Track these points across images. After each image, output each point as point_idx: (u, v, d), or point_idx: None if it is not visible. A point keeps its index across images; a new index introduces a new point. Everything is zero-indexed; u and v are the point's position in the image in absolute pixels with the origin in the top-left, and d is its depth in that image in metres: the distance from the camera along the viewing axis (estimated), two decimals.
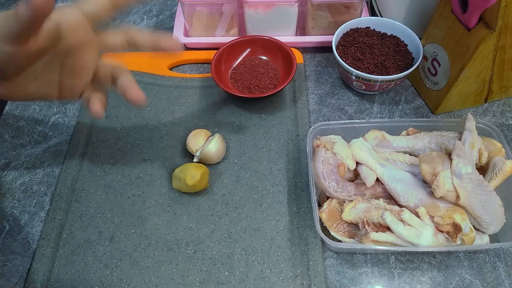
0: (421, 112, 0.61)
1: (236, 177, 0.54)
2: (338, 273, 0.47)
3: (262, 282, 0.46)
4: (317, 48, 0.69)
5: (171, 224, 0.50)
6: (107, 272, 0.47)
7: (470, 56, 0.52)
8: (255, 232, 0.49)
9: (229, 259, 0.47)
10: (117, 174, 0.55)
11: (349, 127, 0.52)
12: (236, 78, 0.63)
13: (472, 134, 0.47)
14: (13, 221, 0.51)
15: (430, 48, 0.59)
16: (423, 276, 0.46)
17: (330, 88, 0.65)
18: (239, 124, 0.59)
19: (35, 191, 0.54)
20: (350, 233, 0.46)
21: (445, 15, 0.55)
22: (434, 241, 0.42)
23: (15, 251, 0.49)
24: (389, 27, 0.63)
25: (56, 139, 0.59)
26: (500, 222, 0.45)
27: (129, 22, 0.75)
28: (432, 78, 0.60)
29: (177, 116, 0.60)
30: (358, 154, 0.48)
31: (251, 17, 0.65)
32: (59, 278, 0.46)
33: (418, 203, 0.45)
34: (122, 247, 0.49)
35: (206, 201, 0.52)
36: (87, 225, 0.50)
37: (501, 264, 0.47)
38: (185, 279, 0.46)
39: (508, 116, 0.60)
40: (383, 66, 0.59)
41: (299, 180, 0.53)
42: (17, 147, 0.58)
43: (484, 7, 0.48)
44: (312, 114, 0.61)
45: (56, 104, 0.63)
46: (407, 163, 0.48)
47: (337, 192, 0.47)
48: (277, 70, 0.63)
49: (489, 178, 0.46)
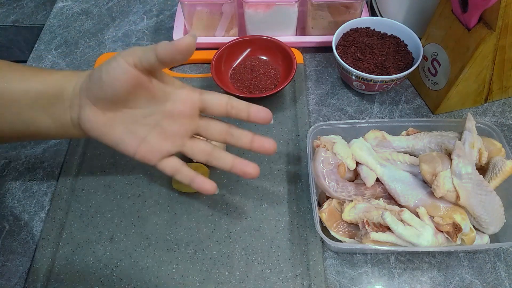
0: (421, 112, 0.61)
1: (236, 177, 0.54)
2: (338, 273, 0.47)
3: (262, 282, 0.46)
4: (317, 48, 0.69)
5: (171, 224, 0.50)
6: (107, 272, 0.47)
7: (470, 56, 0.52)
8: (255, 232, 0.49)
9: (229, 259, 0.47)
10: (117, 174, 0.55)
11: (349, 127, 0.52)
12: (236, 78, 0.63)
13: (472, 134, 0.47)
14: (13, 221, 0.51)
15: (430, 48, 0.59)
16: (423, 276, 0.46)
17: (330, 88, 0.65)
18: (239, 124, 0.59)
19: (35, 191, 0.54)
20: (350, 233, 0.46)
21: (445, 15, 0.55)
22: (434, 241, 0.42)
23: (15, 251, 0.49)
24: (389, 27, 0.63)
25: (56, 139, 0.59)
26: (500, 222, 0.45)
27: (129, 22, 0.75)
28: (432, 78, 0.60)
29: None
30: (358, 154, 0.48)
31: (251, 17, 0.65)
32: (59, 278, 0.46)
33: (418, 203, 0.45)
34: (122, 247, 0.49)
35: (206, 201, 0.52)
36: (87, 225, 0.50)
37: (501, 264, 0.47)
38: (185, 279, 0.46)
39: (508, 116, 0.60)
40: (383, 66, 0.59)
41: (299, 180, 0.53)
42: (17, 147, 0.58)
43: (484, 7, 0.48)
44: (312, 114, 0.61)
45: None
46: (407, 163, 0.48)
47: (337, 192, 0.47)
48: (277, 70, 0.63)
49: (489, 178, 0.46)
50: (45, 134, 0.42)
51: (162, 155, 0.41)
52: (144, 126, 0.40)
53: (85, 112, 0.38)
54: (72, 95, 0.39)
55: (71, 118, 0.40)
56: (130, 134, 0.40)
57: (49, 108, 0.39)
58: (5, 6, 0.78)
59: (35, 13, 0.77)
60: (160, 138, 0.40)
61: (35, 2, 0.79)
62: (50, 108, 0.39)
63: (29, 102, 0.39)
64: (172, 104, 0.40)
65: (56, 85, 0.39)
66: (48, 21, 0.76)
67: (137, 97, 0.38)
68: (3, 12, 0.77)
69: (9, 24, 0.75)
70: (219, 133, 0.42)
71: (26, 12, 0.77)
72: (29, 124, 0.40)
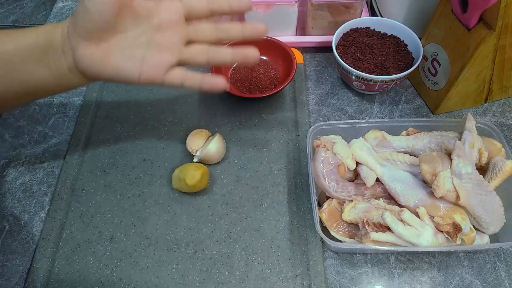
0: (421, 112, 0.61)
1: (236, 177, 0.54)
2: (338, 273, 0.47)
3: (262, 282, 0.46)
4: (317, 48, 0.69)
5: (171, 224, 0.50)
6: (107, 272, 0.47)
7: (470, 56, 0.52)
8: (255, 232, 0.49)
9: (229, 259, 0.47)
10: (117, 174, 0.55)
11: (349, 127, 0.52)
12: (236, 78, 0.63)
13: (472, 134, 0.47)
14: (13, 221, 0.51)
15: (430, 48, 0.59)
16: (423, 276, 0.46)
17: (330, 88, 0.65)
18: (239, 124, 0.59)
19: (35, 191, 0.54)
20: (350, 233, 0.46)
21: (445, 15, 0.55)
22: (434, 241, 0.42)
23: (15, 251, 0.49)
24: (389, 27, 0.63)
25: (56, 139, 0.59)
26: (500, 222, 0.45)
27: None
28: (432, 78, 0.60)
29: (177, 116, 0.60)
30: (358, 154, 0.48)
31: (251, 17, 0.65)
32: (59, 278, 0.46)
33: (418, 203, 0.45)
34: (122, 247, 0.49)
35: (206, 201, 0.52)
36: (87, 225, 0.50)
37: (501, 264, 0.47)
38: (185, 279, 0.46)
39: (508, 116, 0.60)
40: (383, 66, 0.59)
41: (299, 180, 0.53)
42: (17, 147, 0.58)
43: (484, 7, 0.48)
44: (312, 114, 0.61)
45: (56, 104, 0.63)
46: (407, 163, 0.48)
47: (337, 192, 0.47)
48: (277, 70, 0.63)
49: (489, 178, 0.46)
50: (44, 88, 0.42)
51: (165, 68, 0.41)
52: (139, 47, 0.40)
53: (79, 50, 0.39)
54: (62, 40, 0.39)
55: (67, 64, 0.40)
56: (128, 59, 0.40)
57: (42, 59, 0.40)
58: (5, 6, 0.78)
59: (35, 13, 0.77)
60: (158, 53, 0.41)
61: (35, 2, 0.79)
62: (44, 58, 0.40)
63: (22, 58, 0.39)
64: (158, 18, 0.41)
65: (45, 36, 0.39)
66: (48, 21, 0.76)
67: (124, 19, 0.39)
68: (3, 12, 0.77)
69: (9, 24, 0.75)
70: (210, 32, 0.43)
71: (26, 12, 0.77)
72: (26, 81, 0.40)
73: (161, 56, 0.41)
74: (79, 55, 0.39)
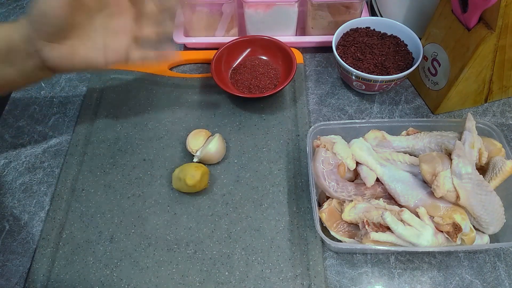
0: (421, 112, 0.61)
1: (236, 177, 0.54)
2: (338, 273, 0.47)
3: (262, 282, 0.46)
4: (317, 48, 0.69)
5: (171, 224, 0.50)
6: (107, 272, 0.47)
7: (470, 56, 0.52)
8: (255, 232, 0.49)
9: (229, 259, 0.47)
10: (117, 174, 0.55)
11: (349, 127, 0.52)
12: (236, 78, 0.63)
13: (472, 134, 0.47)
14: (13, 221, 0.51)
15: (430, 48, 0.59)
16: (423, 276, 0.46)
17: (330, 88, 0.65)
18: (239, 124, 0.59)
19: (35, 191, 0.54)
20: (350, 233, 0.46)
21: (445, 15, 0.55)
22: (434, 241, 0.42)
23: (15, 251, 0.49)
24: (389, 27, 0.63)
25: (56, 139, 0.59)
26: (500, 222, 0.45)
27: None
28: (432, 78, 0.60)
29: (177, 116, 0.60)
30: (358, 154, 0.48)
31: (251, 17, 0.65)
32: (59, 278, 0.46)
33: (418, 203, 0.45)
34: (122, 247, 0.49)
35: (206, 201, 0.52)
36: (87, 225, 0.50)
37: (501, 264, 0.47)
38: (185, 279, 0.46)
39: (508, 116, 0.60)
40: (383, 66, 0.59)
41: (299, 180, 0.53)
42: (17, 147, 0.58)
43: (484, 7, 0.48)
44: (312, 114, 0.61)
45: (56, 104, 0.63)
46: (407, 163, 0.48)
47: (337, 192, 0.47)
48: (277, 70, 0.63)
49: (489, 178, 0.46)
50: (14, 84, 0.45)
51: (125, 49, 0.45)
52: (99, 36, 0.44)
53: (46, 53, 0.41)
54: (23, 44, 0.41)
55: (34, 64, 0.42)
56: (92, 49, 0.43)
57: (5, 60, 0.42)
58: (5, 6, 0.78)
59: None
60: (116, 37, 0.44)
61: None
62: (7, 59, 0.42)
63: None
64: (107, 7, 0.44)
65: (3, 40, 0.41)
66: None
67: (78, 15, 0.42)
68: (3, 12, 0.77)
69: None
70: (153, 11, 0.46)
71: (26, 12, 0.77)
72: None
73: (119, 40, 0.45)
74: (47, 57, 0.41)
